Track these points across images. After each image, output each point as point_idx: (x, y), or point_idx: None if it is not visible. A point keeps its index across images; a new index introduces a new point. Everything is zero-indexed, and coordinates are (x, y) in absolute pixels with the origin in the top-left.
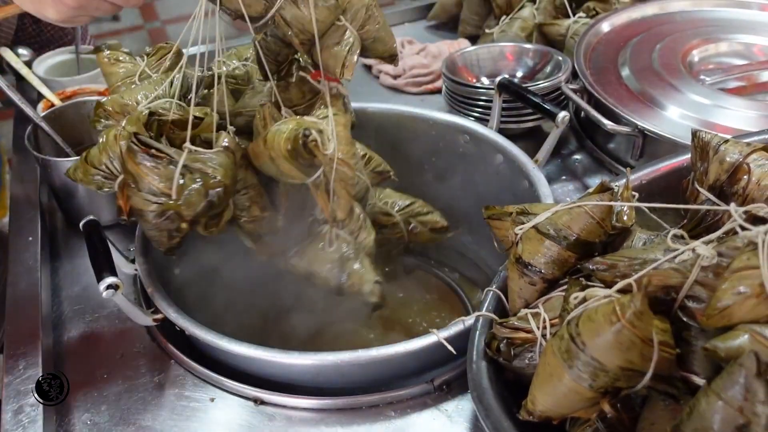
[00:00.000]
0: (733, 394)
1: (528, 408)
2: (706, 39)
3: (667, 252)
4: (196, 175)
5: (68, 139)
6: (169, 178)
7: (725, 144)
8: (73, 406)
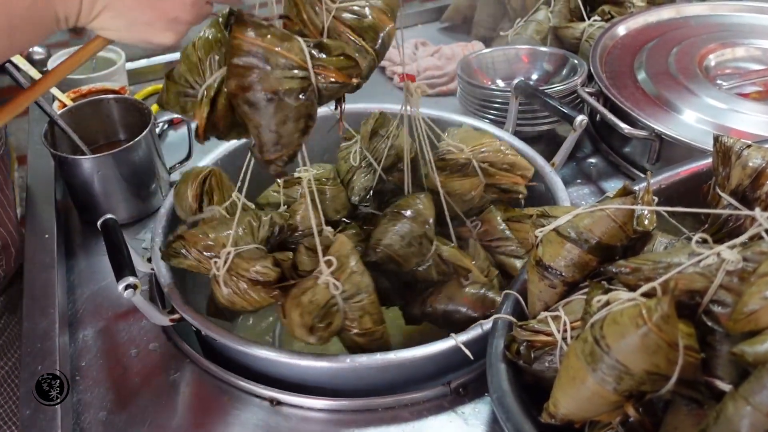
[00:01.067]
0: (762, 400)
1: (550, 411)
2: (722, 43)
3: (691, 256)
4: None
5: (84, 138)
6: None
7: (748, 149)
8: (89, 403)
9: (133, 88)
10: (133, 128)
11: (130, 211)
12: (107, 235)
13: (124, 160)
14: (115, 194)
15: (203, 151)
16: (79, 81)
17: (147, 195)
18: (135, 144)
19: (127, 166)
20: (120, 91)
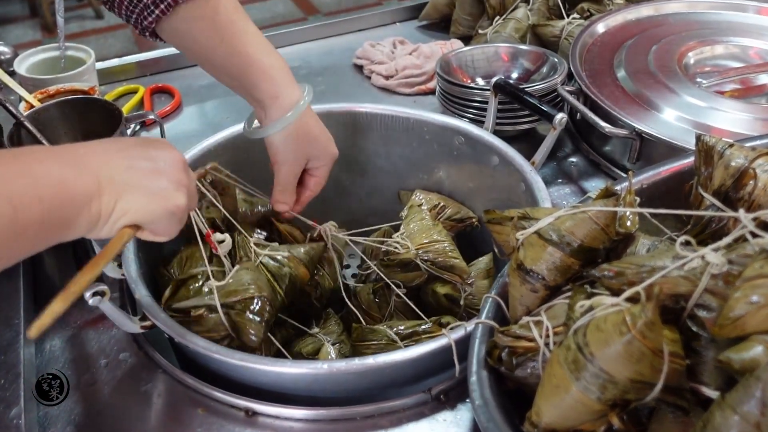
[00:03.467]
0: (749, 409)
1: (532, 420)
2: (702, 41)
3: (675, 259)
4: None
5: (52, 140)
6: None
7: (730, 148)
8: (55, 417)
9: (104, 88)
10: (103, 130)
11: None
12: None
13: None
14: None
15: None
16: (46, 81)
17: None
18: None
19: None
20: (89, 92)
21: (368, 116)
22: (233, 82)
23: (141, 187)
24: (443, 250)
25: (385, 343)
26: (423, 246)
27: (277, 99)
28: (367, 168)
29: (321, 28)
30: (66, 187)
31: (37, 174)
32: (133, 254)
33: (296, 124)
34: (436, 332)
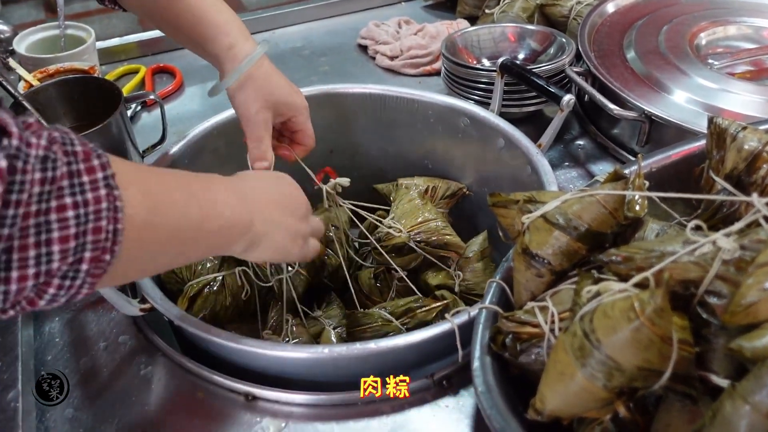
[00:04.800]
0: (761, 399)
1: (537, 407)
2: (714, 21)
3: (686, 244)
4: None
5: (51, 120)
6: None
7: (743, 131)
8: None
9: (105, 68)
10: (103, 110)
11: None
12: None
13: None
14: None
15: (177, 134)
16: (46, 60)
17: None
18: (103, 127)
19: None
20: (89, 71)
21: (372, 97)
22: (190, 41)
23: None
24: (435, 229)
25: (380, 325)
26: (415, 227)
27: (232, 50)
28: (370, 150)
29: (324, 8)
30: (233, 215)
31: (218, 197)
32: None
33: (254, 72)
34: (430, 305)
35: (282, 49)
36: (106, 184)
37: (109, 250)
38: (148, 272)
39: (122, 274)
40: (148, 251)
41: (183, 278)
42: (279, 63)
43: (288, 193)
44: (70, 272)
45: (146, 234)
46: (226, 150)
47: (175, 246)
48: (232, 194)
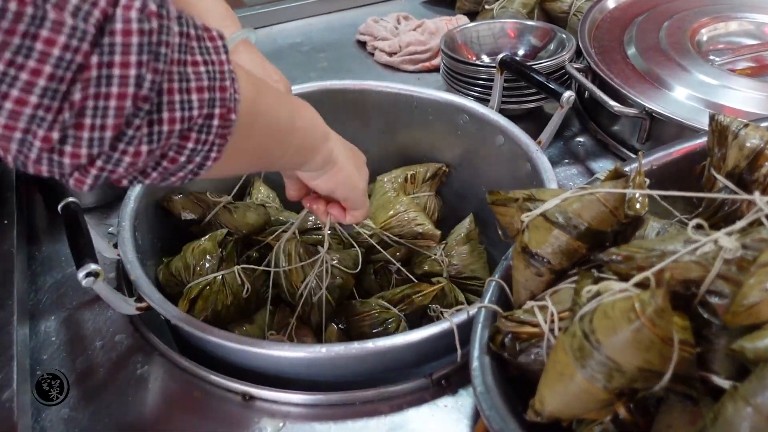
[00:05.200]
0: (764, 401)
1: (536, 408)
2: (715, 17)
3: (687, 243)
4: None
5: None
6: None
7: (745, 128)
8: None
9: None
10: None
11: (97, 195)
12: (68, 220)
13: None
14: None
15: None
16: None
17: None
18: None
19: None
20: None
21: (371, 94)
22: None
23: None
24: (407, 220)
25: (378, 312)
26: (385, 222)
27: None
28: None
29: (323, 3)
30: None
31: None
32: (129, 234)
33: (237, 51)
34: (425, 290)
35: (280, 44)
36: (225, 51)
37: (234, 110)
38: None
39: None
40: (254, 136)
41: (182, 280)
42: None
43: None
44: (205, 126)
45: (253, 116)
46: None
47: (273, 142)
48: (308, 109)
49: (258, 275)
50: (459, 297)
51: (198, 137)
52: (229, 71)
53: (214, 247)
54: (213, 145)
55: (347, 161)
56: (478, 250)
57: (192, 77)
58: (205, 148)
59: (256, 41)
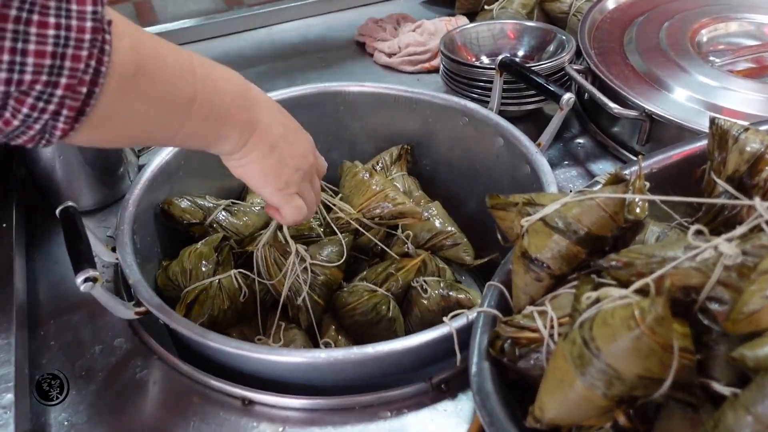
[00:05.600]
0: (764, 410)
1: (536, 415)
2: (715, 18)
3: (687, 249)
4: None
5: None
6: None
7: (746, 132)
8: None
9: None
10: None
11: (96, 198)
12: (66, 224)
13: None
14: (79, 180)
15: None
16: None
17: (114, 180)
18: None
19: (91, 150)
20: None
21: (370, 95)
22: None
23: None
24: (386, 199)
25: (367, 298)
26: (364, 205)
27: None
28: (368, 148)
29: (323, 4)
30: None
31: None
32: (128, 238)
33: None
34: (407, 264)
35: (279, 45)
36: (94, 19)
37: (88, 83)
38: (132, 137)
39: (104, 128)
40: (132, 108)
41: (179, 284)
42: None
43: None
44: (45, 94)
45: (131, 89)
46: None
47: (160, 117)
48: (237, 93)
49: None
50: (439, 264)
51: (34, 104)
52: (91, 40)
53: (210, 251)
54: (58, 115)
55: (269, 155)
56: (427, 208)
57: (33, 39)
58: (44, 116)
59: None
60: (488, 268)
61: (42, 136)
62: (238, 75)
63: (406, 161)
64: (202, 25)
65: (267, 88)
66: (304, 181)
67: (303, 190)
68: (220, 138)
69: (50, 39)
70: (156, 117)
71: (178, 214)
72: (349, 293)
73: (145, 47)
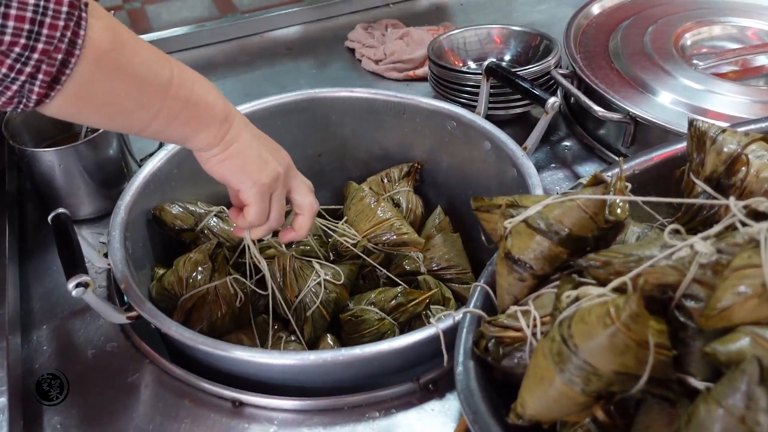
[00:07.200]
0: (734, 402)
1: (517, 411)
2: (699, 22)
3: (663, 248)
4: None
5: (44, 130)
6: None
7: (723, 134)
8: (41, 408)
9: None
10: None
11: (97, 206)
12: (58, 230)
13: (87, 153)
14: (79, 188)
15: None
16: None
17: (115, 189)
18: (98, 136)
19: (91, 159)
20: None
21: (360, 101)
22: None
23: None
24: (391, 228)
25: (377, 327)
26: (369, 231)
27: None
28: (358, 153)
29: (314, 10)
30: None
31: (197, 79)
32: (119, 243)
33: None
34: (418, 297)
35: (271, 51)
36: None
37: (63, 51)
38: (108, 114)
39: (81, 100)
40: (107, 84)
41: (176, 293)
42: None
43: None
44: (22, 57)
45: (107, 64)
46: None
47: (137, 95)
48: (207, 85)
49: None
50: (446, 293)
51: (12, 65)
52: (68, 13)
53: (205, 258)
54: (34, 78)
55: (249, 149)
56: (450, 238)
57: (15, 5)
58: (21, 77)
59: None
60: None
61: (20, 100)
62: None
63: (414, 179)
64: (195, 32)
65: (258, 95)
66: (281, 187)
67: (277, 196)
68: (200, 127)
69: (30, 7)
70: (134, 94)
71: (169, 220)
72: (361, 321)
73: (122, 31)
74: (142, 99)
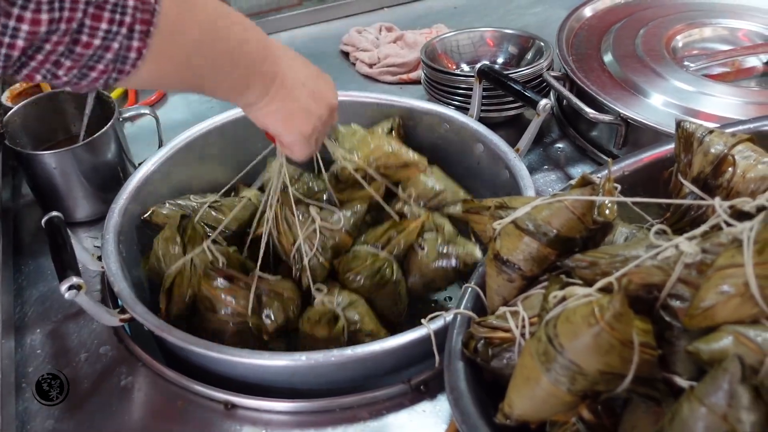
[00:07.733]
0: (717, 401)
1: (505, 411)
2: (690, 24)
3: (649, 249)
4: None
5: (42, 133)
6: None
7: (710, 135)
8: (35, 412)
9: None
10: (96, 122)
11: (94, 209)
12: (51, 233)
13: (84, 156)
14: (77, 191)
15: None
16: None
17: (113, 192)
18: (96, 139)
19: (88, 163)
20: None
21: (353, 104)
22: None
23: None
24: (391, 152)
25: (371, 262)
26: (369, 154)
27: None
28: None
29: (308, 15)
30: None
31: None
32: (113, 247)
33: None
34: (408, 226)
35: None
36: None
37: (151, 11)
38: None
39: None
40: (183, 45)
41: (162, 271)
42: None
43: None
44: (119, 6)
45: (180, 27)
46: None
47: (206, 53)
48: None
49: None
50: (437, 221)
51: (112, 17)
52: None
53: (173, 232)
54: (132, 31)
55: (293, 100)
56: (437, 174)
57: None
58: (122, 30)
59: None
60: None
61: (114, 66)
62: (256, 27)
63: (399, 134)
64: None
65: None
66: (322, 128)
67: (320, 136)
68: (246, 87)
69: None
70: (203, 53)
71: (161, 221)
72: (353, 258)
73: None
74: (210, 57)
